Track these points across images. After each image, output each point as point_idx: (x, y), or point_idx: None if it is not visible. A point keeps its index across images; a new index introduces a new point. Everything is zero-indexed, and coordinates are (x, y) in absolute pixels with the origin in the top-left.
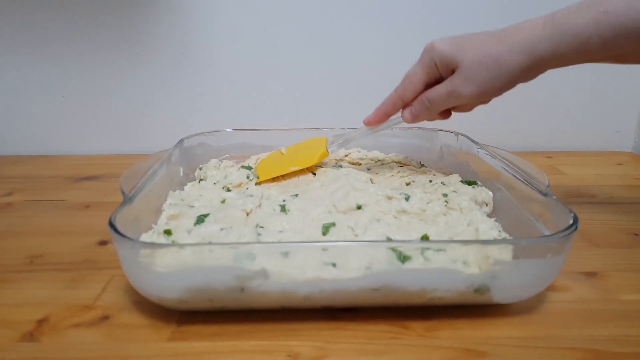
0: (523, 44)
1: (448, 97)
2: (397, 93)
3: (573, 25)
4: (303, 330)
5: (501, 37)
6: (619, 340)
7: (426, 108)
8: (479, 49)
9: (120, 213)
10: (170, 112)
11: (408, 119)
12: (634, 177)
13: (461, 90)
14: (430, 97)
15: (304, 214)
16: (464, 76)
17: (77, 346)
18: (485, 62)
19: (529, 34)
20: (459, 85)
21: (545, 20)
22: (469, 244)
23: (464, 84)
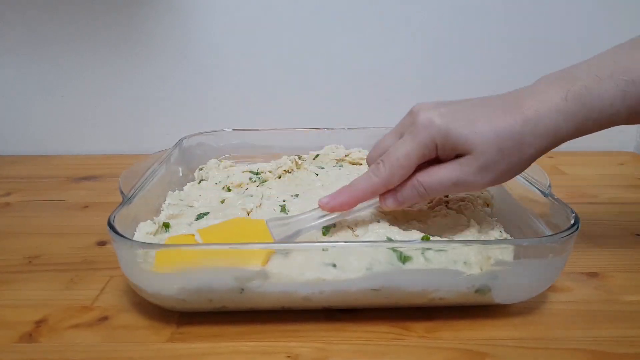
0: (547, 124)
1: (453, 187)
2: (380, 178)
3: (598, 101)
4: (303, 331)
5: (516, 111)
6: (620, 341)
7: (419, 195)
8: (495, 127)
9: (119, 213)
10: (169, 112)
11: (391, 206)
12: (636, 177)
13: (474, 181)
14: (427, 183)
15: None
16: (479, 165)
17: (75, 347)
18: (506, 148)
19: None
20: (472, 175)
21: (567, 94)
22: (469, 245)
23: (477, 174)
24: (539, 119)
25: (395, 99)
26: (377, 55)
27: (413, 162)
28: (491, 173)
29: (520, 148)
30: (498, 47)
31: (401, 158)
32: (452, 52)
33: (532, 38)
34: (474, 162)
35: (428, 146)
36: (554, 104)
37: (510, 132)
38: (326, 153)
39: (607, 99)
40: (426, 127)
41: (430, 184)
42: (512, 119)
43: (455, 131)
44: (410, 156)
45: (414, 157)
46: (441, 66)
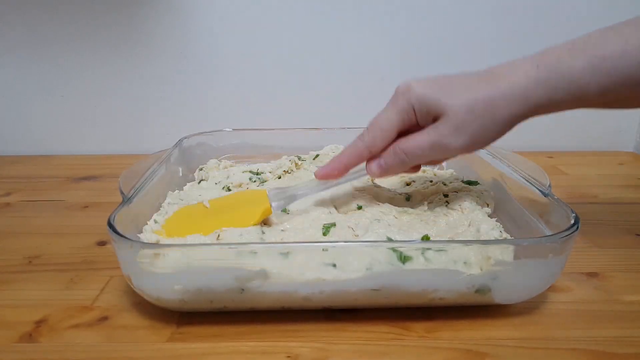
0: (517, 89)
1: (431, 150)
2: (364, 143)
3: (568, 70)
4: (303, 331)
5: (490, 79)
6: (620, 341)
7: (401, 161)
8: (468, 93)
9: (119, 213)
10: (169, 112)
11: (376, 173)
12: (636, 177)
13: (449, 143)
14: (407, 148)
15: (305, 214)
16: (452, 126)
17: (75, 347)
18: (477, 109)
19: (522, 78)
20: (446, 137)
21: (538, 63)
22: (470, 245)
23: (452, 136)
24: (510, 83)
25: None
26: (377, 55)
27: (394, 125)
28: (464, 134)
29: (492, 110)
30: (498, 47)
31: (382, 122)
32: (452, 53)
33: (532, 37)
34: (447, 123)
35: (406, 110)
36: (526, 71)
37: (481, 94)
38: (326, 153)
39: (577, 70)
40: (404, 94)
41: (409, 148)
42: (485, 84)
43: (430, 95)
44: (391, 120)
45: (394, 121)
46: (441, 66)
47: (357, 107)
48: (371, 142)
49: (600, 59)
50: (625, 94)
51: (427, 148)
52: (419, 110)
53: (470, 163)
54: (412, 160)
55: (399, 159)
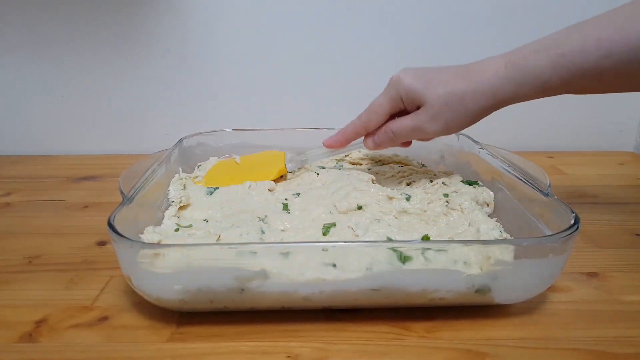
0: (487, 86)
1: (412, 132)
2: (361, 122)
3: (533, 68)
4: (303, 331)
5: (465, 76)
6: (620, 341)
7: (389, 139)
8: (445, 87)
9: (119, 213)
10: (169, 112)
11: (371, 146)
12: (636, 177)
13: (426, 127)
14: (395, 129)
15: (305, 214)
16: (430, 114)
17: (75, 347)
18: (451, 102)
19: (492, 77)
20: (424, 122)
21: (506, 63)
22: (470, 245)
23: (429, 122)
24: (481, 81)
25: None
26: (377, 56)
27: (385, 109)
28: (440, 122)
29: (463, 103)
30: (498, 46)
31: (376, 107)
32: (452, 53)
33: (532, 34)
34: (426, 112)
35: (395, 98)
36: (495, 70)
37: (456, 89)
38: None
39: (540, 67)
40: (395, 84)
41: (396, 129)
42: (460, 82)
43: (415, 88)
44: (383, 105)
45: (386, 106)
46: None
47: (357, 107)
48: (367, 122)
49: (561, 56)
50: (584, 85)
51: (410, 130)
52: (406, 99)
53: (470, 163)
54: (398, 138)
55: (388, 137)
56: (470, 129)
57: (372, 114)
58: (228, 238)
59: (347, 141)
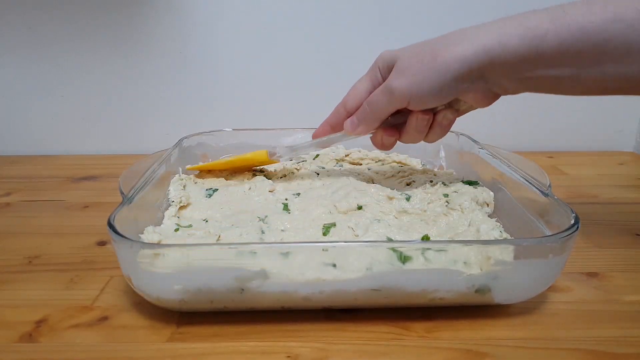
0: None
1: (383, 95)
2: (341, 103)
3: (526, 19)
4: (303, 331)
5: (445, 35)
6: (620, 341)
7: (365, 112)
8: (419, 45)
9: (119, 213)
10: (169, 112)
11: (348, 128)
12: (636, 177)
13: (393, 84)
14: (369, 99)
15: (305, 214)
16: (397, 69)
17: (75, 347)
18: (420, 53)
19: (473, 28)
20: (392, 79)
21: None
22: (470, 245)
23: (396, 78)
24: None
25: None
26: (376, 55)
27: (364, 85)
28: (406, 76)
29: (433, 53)
30: None
31: (355, 84)
32: None
33: None
34: (395, 69)
35: (373, 70)
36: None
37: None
38: (326, 153)
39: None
40: (376, 59)
41: (369, 99)
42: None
43: (391, 53)
44: (362, 81)
45: (365, 81)
46: None
47: None
48: (345, 101)
49: (562, 12)
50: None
51: (379, 93)
52: (382, 67)
53: (470, 163)
54: (373, 109)
55: (364, 111)
56: (470, 128)
57: (351, 91)
58: (228, 238)
59: (330, 127)
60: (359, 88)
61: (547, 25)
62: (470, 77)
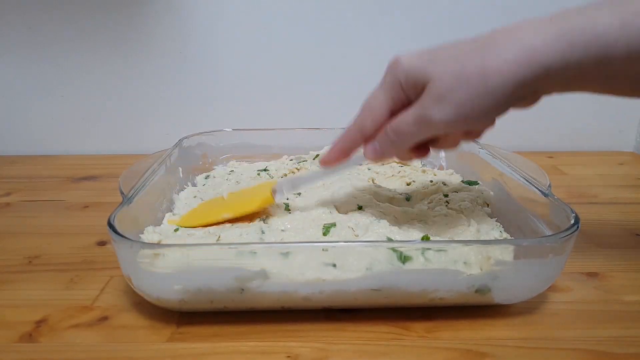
0: (520, 47)
1: (417, 126)
2: (354, 124)
3: (592, 24)
4: (303, 331)
5: (488, 42)
6: (620, 341)
7: (391, 142)
8: (456, 59)
9: (119, 213)
10: (169, 112)
11: (371, 157)
12: (636, 177)
13: (433, 115)
14: (395, 127)
15: (305, 214)
16: (437, 95)
17: (75, 347)
18: (465, 74)
19: (528, 35)
20: (428, 107)
21: (552, 17)
22: (470, 245)
23: (435, 106)
24: (509, 40)
25: None
26: (377, 55)
27: (382, 104)
28: (450, 104)
29: (483, 74)
30: None
31: (370, 102)
32: None
33: None
34: (431, 92)
35: (394, 86)
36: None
37: (471, 55)
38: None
39: (604, 25)
40: (391, 68)
41: (397, 127)
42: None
43: (417, 65)
44: (379, 99)
45: (383, 99)
46: None
47: (357, 107)
48: (361, 124)
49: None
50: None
51: (412, 123)
52: (405, 84)
53: (470, 163)
54: (401, 139)
55: (389, 140)
56: None
57: (366, 112)
58: (228, 238)
59: (344, 154)
60: (376, 107)
61: (618, 33)
62: (523, 95)
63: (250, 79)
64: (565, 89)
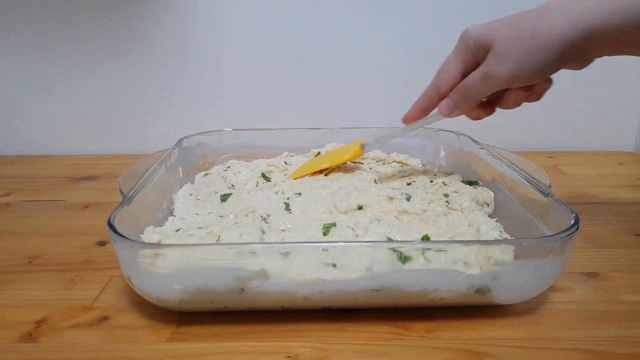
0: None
1: (482, 81)
2: (432, 85)
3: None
4: (303, 331)
5: (540, 11)
6: (620, 341)
7: (462, 97)
8: (514, 25)
9: (119, 213)
10: (169, 112)
11: (444, 111)
12: (636, 177)
13: (495, 71)
14: (465, 84)
15: (306, 214)
16: (497, 55)
17: (75, 347)
18: (520, 36)
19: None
20: (492, 65)
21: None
22: (470, 245)
23: (497, 64)
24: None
25: (395, 99)
26: (377, 55)
27: (455, 67)
28: (509, 61)
29: (534, 35)
30: None
31: (445, 65)
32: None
33: None
34: (494, 54)
35: (464, 51)
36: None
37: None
38: (328, 151)
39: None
40: (462, 36)
41: (467, 83)
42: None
43: (482, 32)
44: (451, 62)
45: (455, 62)
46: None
47: (357, 107)
48: (437, 84)
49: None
50: None
51: (478, 80)
52: (474, 48)
53: (471, 163)
54: (470, 94)
55: (460, 95)
56: (470, 128)
57: (442, 74)
58: (228, 238)
59: (423, 111)
60: (450, 69)
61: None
62: (573, 54)
63: (250, 79)
64: (614, 51)
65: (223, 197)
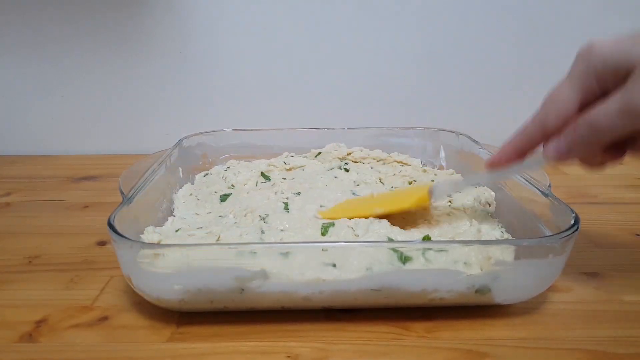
0: None
1: (621, 117)
2: (535, 119)
3: None
4: (303, 331)
5: None
6: (620, 341)
7: (582, 138)
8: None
9: (119, 213)
10: (169, 112)
11: (553, 155)
12: (636, 177)
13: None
14: (591, 120)
15: (304, 213)
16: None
17: (75, 347)
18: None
19: None
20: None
21: None
22: (470, 245)
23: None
24: None
25: (395, 99)
26: (377, 55)
27: (571, 96)
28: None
29: None
30: (499, 45)
31: (556, 93)
32: (453, 52)
33: (533, 33)
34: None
35: (587, 75)
36: None
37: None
38: (328, 151)
39: None
40: (583, 56)
41: (595, 119)
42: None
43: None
44: (565, 89)
45: (570, 90)
46: (442, 66)
47: (357, 107)
48: (543, 118)
49: None
50: None
51: (614, 114)
52: (603, 71)
53: (471, 163)
54: (596, 134)
55: (580, 135)
56: (470, 128)
57: (550, 105)
58: (228, 238)
59: (518, 153)
60: (564, 99)
61: None
62: None
63: (250, 79)
64: None
65: (223, 197)
